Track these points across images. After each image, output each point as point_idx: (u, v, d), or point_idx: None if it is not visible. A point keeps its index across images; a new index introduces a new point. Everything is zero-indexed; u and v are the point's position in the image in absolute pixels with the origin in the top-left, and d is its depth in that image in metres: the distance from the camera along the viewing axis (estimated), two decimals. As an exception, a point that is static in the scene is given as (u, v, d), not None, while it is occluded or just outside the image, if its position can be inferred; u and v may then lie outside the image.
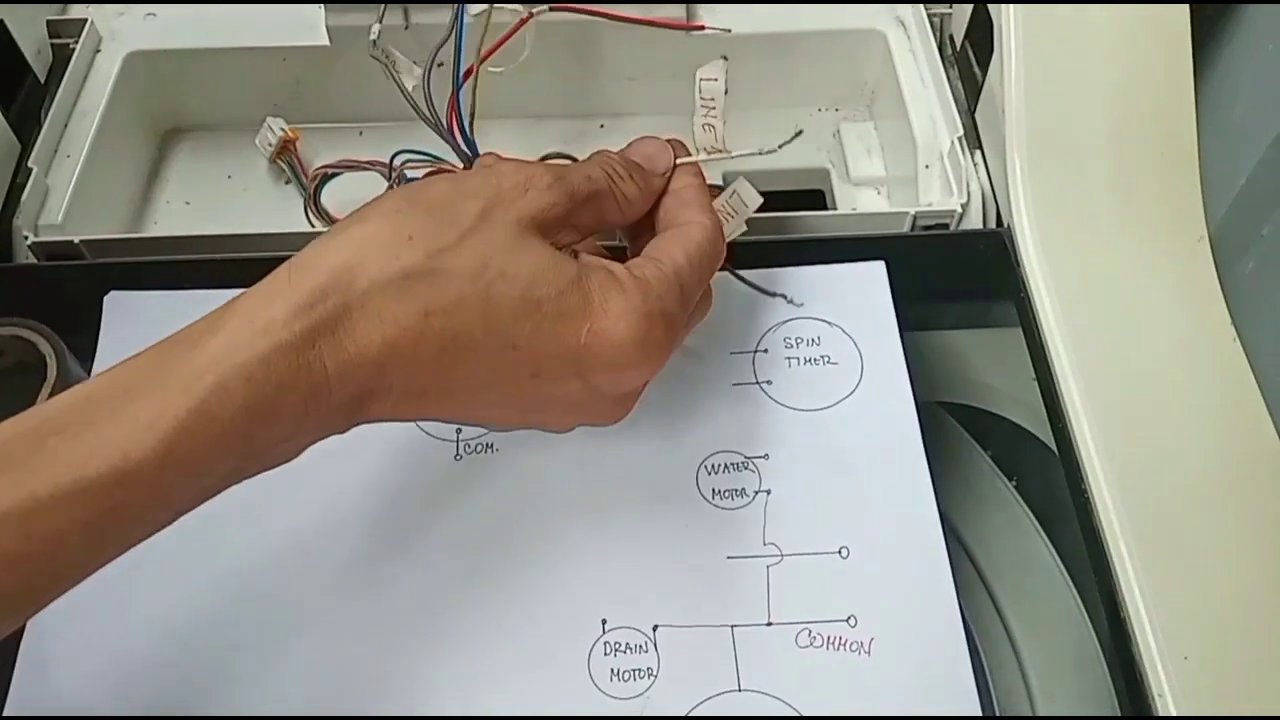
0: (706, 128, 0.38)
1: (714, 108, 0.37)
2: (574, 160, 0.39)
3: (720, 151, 0.38)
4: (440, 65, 0.45)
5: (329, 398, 0.27)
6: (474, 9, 0.46)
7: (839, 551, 0.36)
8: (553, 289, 0.29)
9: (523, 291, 0.29)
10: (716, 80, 0.37)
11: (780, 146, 0.38)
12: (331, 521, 0.37)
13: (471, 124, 0.44)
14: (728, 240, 0.37)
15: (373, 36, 0.46)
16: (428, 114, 0.44)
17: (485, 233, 0.29)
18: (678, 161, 0.36)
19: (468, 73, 0.41)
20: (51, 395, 0.37)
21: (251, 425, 0.26)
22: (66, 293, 0.43)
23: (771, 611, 0.35)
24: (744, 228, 0.40)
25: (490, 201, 0.30)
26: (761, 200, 0.39)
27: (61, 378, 0.37)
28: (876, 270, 0.43)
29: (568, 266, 0.30)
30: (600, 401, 0.32)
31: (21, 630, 0.34)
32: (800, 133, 0.40)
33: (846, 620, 0.35)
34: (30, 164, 0.46)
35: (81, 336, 0.40)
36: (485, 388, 0.30)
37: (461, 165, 0.45)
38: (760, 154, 0.38)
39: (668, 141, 0.36)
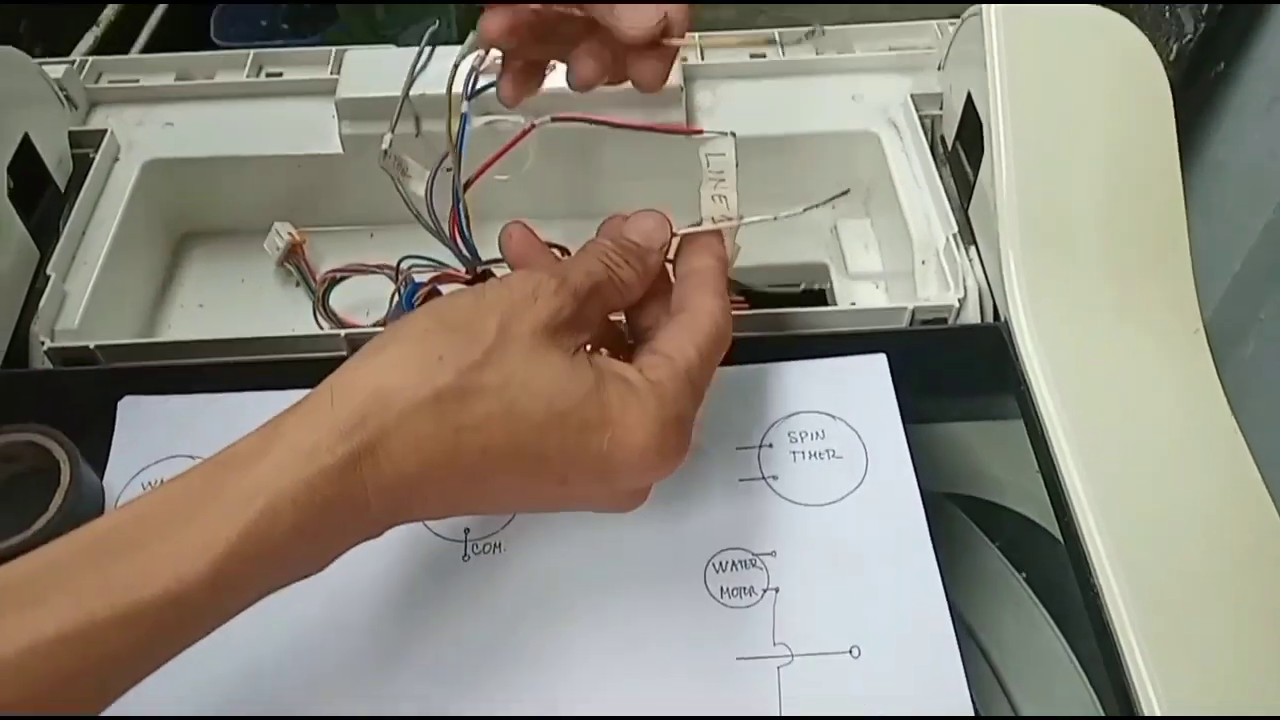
0: (717, 199, 0.38)
1: (724, 179, 0.38)
2: (568, 252, 0.40)
3: (731, 220, 0.38)
4: (448, 170, 0.47)
5: (368, 513, 0.29)
6: (479, 120, 0.48)
7: (850, 651, 0.36)
8: (573, 400, 0.30)
9: (546, 405, 0.30)
10: (725, 154, 0.37)
11: (804, 210, 0.39)
12: (338, 620, 0.37)
13: (469, 228, 0.45)
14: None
15: (384, 146, 0.47)
16: (430, 222, 0.45)
17: (505, 347, 0.30)
18: (679, 232, 0.37)
19: (468, 182, 0.42)
20: (65, 501, 0.37)
21: (297, 545, 0.28)
22: (81, 398, 0.43)
23: (784, 713, 0.35)
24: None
25: (506, 315, 0.31)
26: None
27: (75, 484, 0.38)
28: (878, 363, 0.43)
29: (585, 376, 0.31)
30: (620, 496, 0.34)
31: None
32: (847, 191, 0.41)
33: (882, 718, 0.35)
34: (49, 271, 0.47)
35: (96, 441, 0.40)
36: (515, 494, 0.32)
37: (464, 270, 0.46)
38: (775, 219, 0.38)
39: (664, 216, 0.37)
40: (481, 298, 0.31)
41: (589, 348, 0.34)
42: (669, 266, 0.38)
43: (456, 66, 0.42)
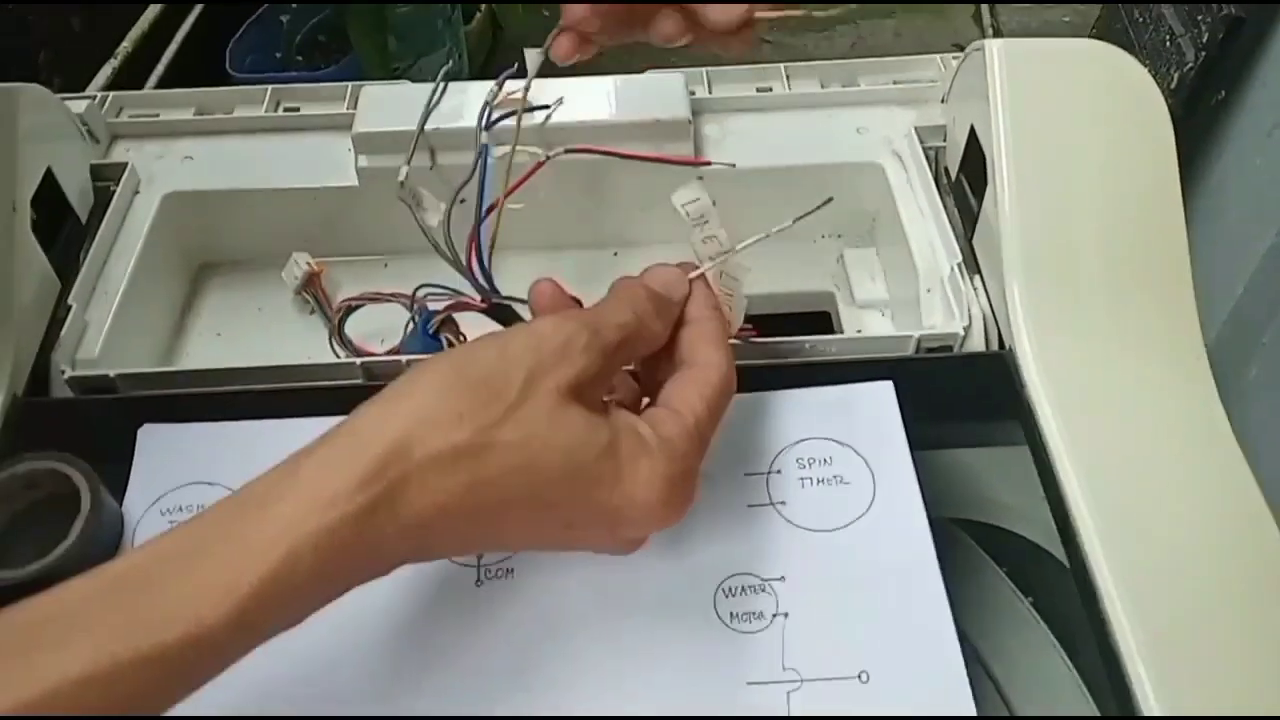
0: (708, 240, 0.38)
1: (707, 221, 0.38)
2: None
3: (727, 252, 0.39)
4: (463, 202, 0.48)
5: (385, 557, 0.30)
6: (497, 151, 0.49)
7: (859, 676, 0.36)
8: (588, 457, 0.31)
9: (563, 460, 0.31)
10: (699, 199, 0.37)
11: (795, 221, 0.41)
12: (351, 645, 0.37)
13: (490, 259, 0.46)
14: (740, 319, 0.39)
15: (401, 178, 0.48)
16: (447, 252, 0.46)
17: (528, 406, 0.31)
18: (692, 276, 0.38)
19: (487, 211, 0.43)
20: (85, 528, 0.38)
21: (316, 587, 0.28)
22: (101, 426, 0.44)
23: None
24: (745, 301, 0.41)
25: (532, 370, 0.31)
26: (750, 268, 0.39)
27: (95, 511, 0.38)
28: (885, 390, 0.44)
29: (601, 433, 0.32)
30: (623, 541, 0.35)
31: None
32: (830, 200, 0.42)
33: (881, 718, 0.35)
34: (70, 301, 0.48)
35: (115, 469, 0.41)
36: (521, 537, 0.33)
37: (479, 299, 0.47)
38: (768, 236, 0.39)
39: (680, 266, 0.38)
40: (507, 349, 0.32)
41: (610, 404, 0.34)
42: None
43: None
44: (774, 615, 0.38)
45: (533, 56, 0.46)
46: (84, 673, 0.25)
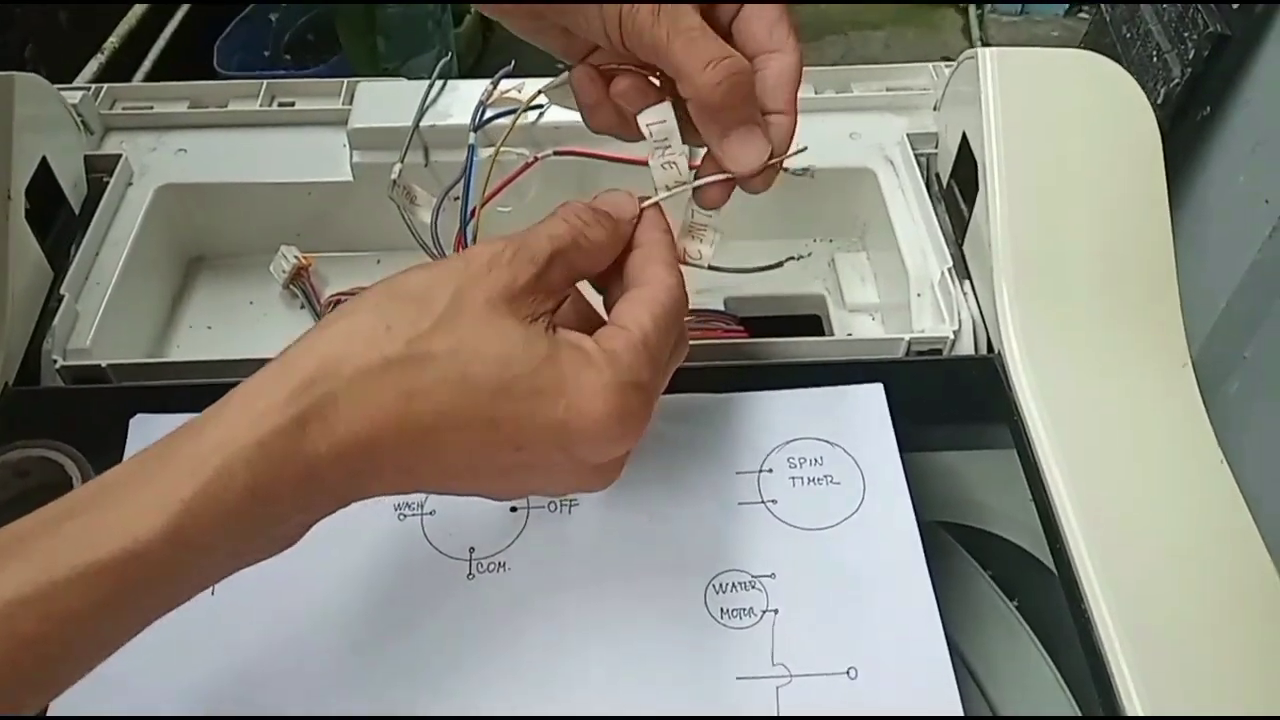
0: (667, 165, 0.38)
1: (669, 146, 0.37)
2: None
3: (684, 183, 0.38)
4: (455, 200, 0.48)
5: (324, 478, 0.29)
6: (485, 151, 0.49)
7: (847, 672, 0.37)
8: (526, 368, 0.30)
9: (498, 371, 0.30)
10: (665, 121, 0.37)
11: (764, 268, 0.41)
12: (343, 637, 0.37)
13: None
14: (711, 252, 0.38)
15: (394, 175, 0.48)
16: (435, 249, 0.46)
17: (457, 316, 0.30)
18: (644, 205, 0.37)
19: (474, 210, 0.43)
20: (77, 515, 0.38)
21: (252, 505, 0.28)
22: (92, 415, 0.44)
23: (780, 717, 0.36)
24: (718, 235, 0.39)
25: (460, 285, 0.31)
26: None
27: (87, 498, 0.38)
28: (875, 392, 0.44)
29: (539, 344, 0.31)
30: (585, 470, 0.33)
31: None
32: (792, 258, 0.41)
33: (878, 718, 0.35)
34: (62, 291, 0.48)
35: (107, 458, 0.40)
36: (473, 463, 0.32)
37: None
38: (742, 271, 0.40)
39: (630, 194, 0.37)
40: (437, 269, 0.32)
41: (555, 325, 0.33)
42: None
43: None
44: (764, 611, 0.38)
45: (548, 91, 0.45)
46: (17, 594, 0.25)
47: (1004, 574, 0.44)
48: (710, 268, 0.39)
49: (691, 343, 0.48)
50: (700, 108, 0.34)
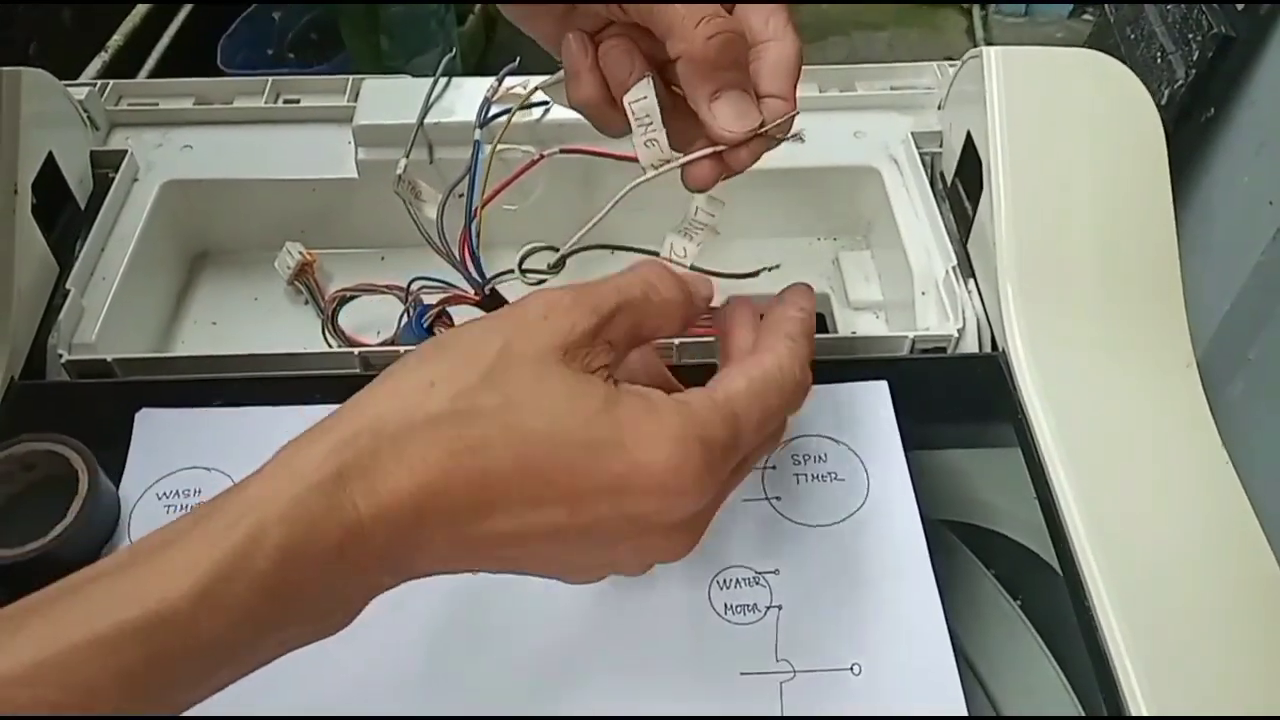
0: (649, 144, 0.37)
1: (651, 123, 0.36)
2: (555, 250, 0.40)
3: (668, 162, 0.37)
4: (460, 196, 0.48)
5: (366, 543, 0.27)
6: (490, 148, 0.49)
7: (851, 668, 0.37)
8: (579, 418, 0.28)
9: (548, 424, 0.28)
10: (646, 98, 0.36)
11: (754, 273, 0.41)
12: (346, 637, 0.37)
13: (479, 251, 0.45)
14: (697, 249, 0.37)
15: (399, 171, 0.49)
16: (441, 245, 0.46)
17: (506, 370, 0.28)
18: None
19: (479, 207, 0.43)
20: (82, 509, 0.38)
21: (285, 568, 0.26)
22: (98, 409, 0.44)
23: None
24: (715, 234, 0.39)
25: (510, 335, 0.29)
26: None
27: (92, 491, 0.38)
28: (879, 389, 0.44)
29: (595, 393, 0.29)
30: (654, 534, 0.30)
31: None
32: (777, 266, 0.42)
33: (880, 718, 0.36)
34: (68, 285, 0.48)
35: (112, 451, 0.41)
36: (528, 529, 0.29)
37: (472, 292, 0.47)
38: (735, 276, 0.39)
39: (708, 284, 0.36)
40: (489, 320, 0.30)
41: (616, 380, 0.31)
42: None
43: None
44: (768, 607, 0.38)
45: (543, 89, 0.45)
46: (35, 659, 0.23)
47: (1008, 573, 0.44)
48: (691, 267, 0.39)
49: (693, 340, 0.48)
50: (691, 65, 0.33)
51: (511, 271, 0.42)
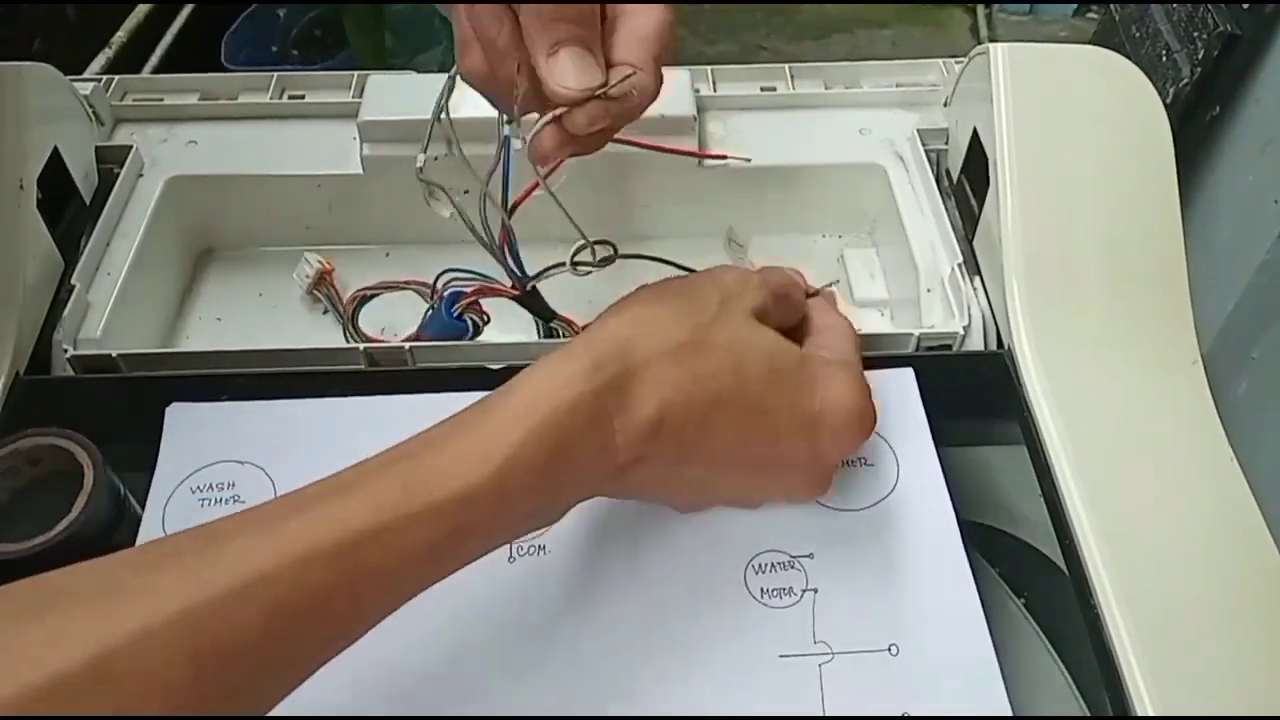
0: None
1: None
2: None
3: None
4: (466, 193, 0.47)
5: (615, 457, 0.32)
6: (516, 144, 0.48)
7: (888, 649, 0.37)
8: (789, 364, 0.35)
9: (768, 363, 0.34)
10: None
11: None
12: (385, 625, 0.37)
13: (515, 245, 0.45)
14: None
15: (419, 165, 0.48)
16: (483, 236, 0.46)
17: (728, 316, 0.35)
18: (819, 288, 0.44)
19: (516, 204, 0.43)
20: (88, 503, 0.38)
21: (557, 466, 0.30)
22: (103, 404, 0.44)
23: (826, 709, 0.36)
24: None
25: (724, 294, 0.36)
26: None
27: (98, 486, 0.38)
28: (906, 376, 0.44)
29: (795, 348, 0.36)
30: (817, 472, 0.38)
31: None
32: (836, 283, 0.46)
33: (900, 717, 0.35)
34: (73, 281, 0.48)
35: (117, 446, 0.41)
36: (736, 448, 0.35)
37: (509, 284, 0.46)
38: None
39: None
40: (694, 280, 0.37)
41: None
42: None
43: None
44: (804, 590, 0.38)
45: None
46: (365, 524, 0.27)
47: (1013, 572, 0.44)
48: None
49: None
50: (530, 14, 0.32)
51: (561, 265, 0.43)
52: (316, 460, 0.41)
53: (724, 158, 0.54)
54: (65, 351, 0.45)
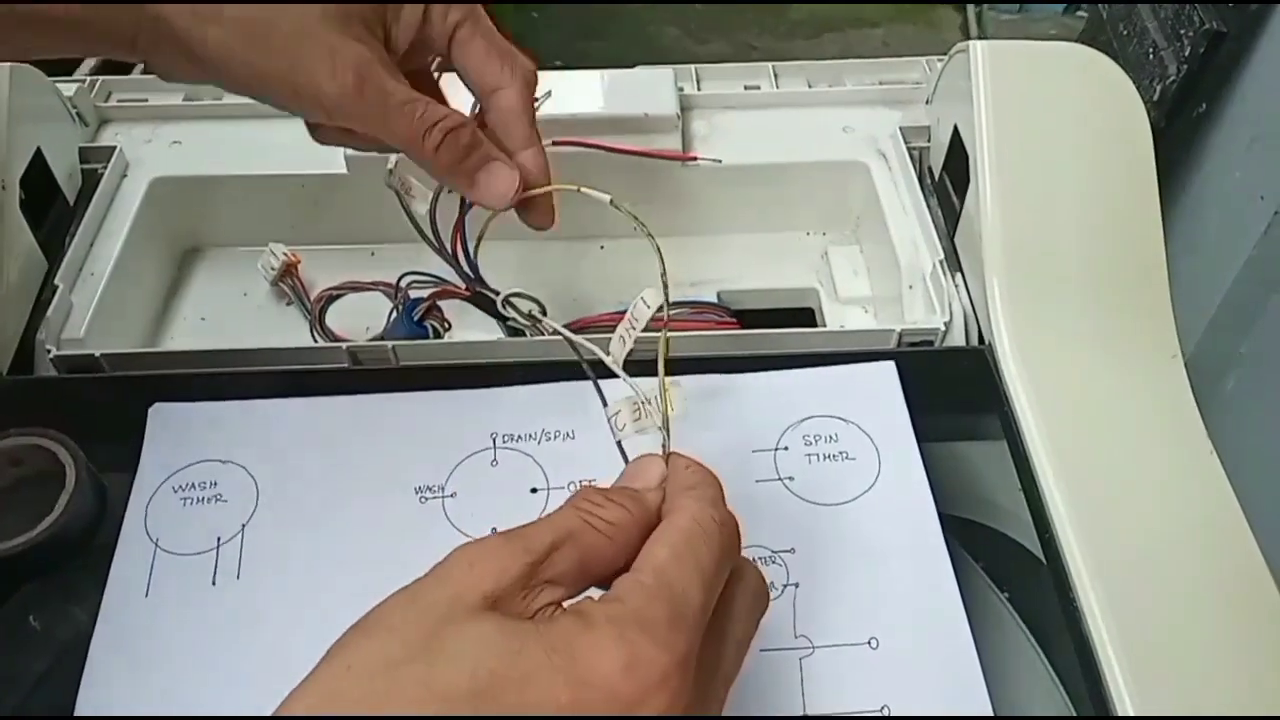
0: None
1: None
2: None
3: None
4: (450, 192, 0.48)
5: None
6: None
7: (868, 642, 0.37)
8: (507, 653, 0.25)
9: (473, 668, 0.24)
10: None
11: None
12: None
13: (477, 250, 0.46)
14: (628, 349, 0.35)
15: (390, 165, 0.48)
16: (433, 240, 0.46)
17: (428, 635, 0.25)
18: (670, 458, 0.32)
19: (473, 203, 0.43)
20: (70, 502, 0.38)
21: None
22: (86, 404, 0.44)
23: (807, 703, 0.36)
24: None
25: (433, 597, 0.26)
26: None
27: (80, 486, 0.39)
28: (887, 369, 0.45)
29: (522, 629, 0.25)
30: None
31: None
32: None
33: (880, 710, 0.36)
34: (56, 281, 0.48)
35: (100, 446, 0.41)
36: None
37: (463, 287, 0.47)
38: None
39: (664, 457, 0.33)
40: (413, 586, 0.27)
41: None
42: None
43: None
44: (785, 585, 0.38)
45: None
46: None
47: (994, 565, 0.44)
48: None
49: (683, 334, 0.48)
50: (439, 170, 0.37)
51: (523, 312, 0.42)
52: (300, 459, 0.42)
53: (694, 159, 0.54)
54: (48, 352, 0.45)
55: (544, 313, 0.42)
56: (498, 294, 0.42)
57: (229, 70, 0.35)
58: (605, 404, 0.38)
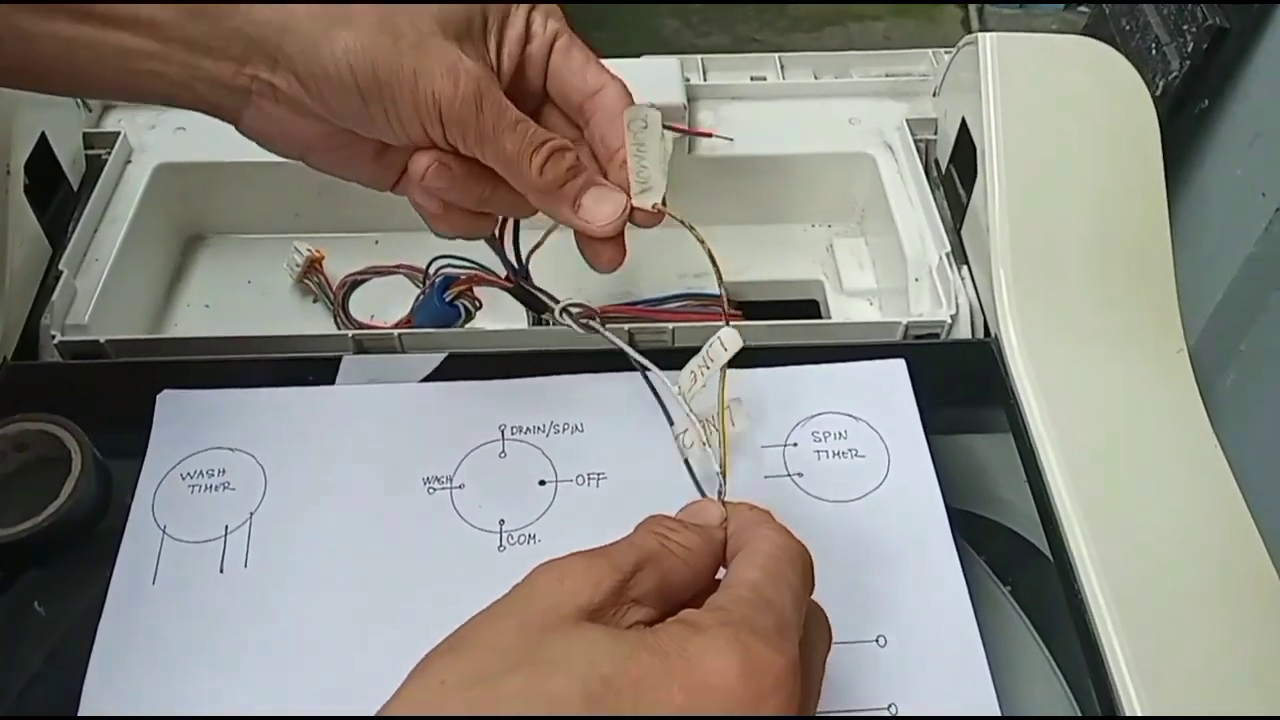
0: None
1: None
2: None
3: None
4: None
5: None
6: None
7: (877, 640, 0.37)
8: (618, 658, 0.25)
9: (585, 673, 0.24)
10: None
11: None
12: (376, 611, 0.38)
13: (518, 239, 0.44)
14: (701, 386, 0.37)
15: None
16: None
17: (527, 645, 0.25)
18: (726, 499, 0.34)
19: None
20: (75, 488, 0.38)
21: None
22: (91, 390, 0.44)
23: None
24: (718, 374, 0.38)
25: (527, 611, 0.26)
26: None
27: (85, 471, 0.38)
28: (897, 367, 0.45)
29: (629, 634, 0.26)
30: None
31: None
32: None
33: (887, 708, 0.36)
34: (60, 267, 0.48)
35: (105, 432, 0.41)
36: None
37: (504, 276, 0.45)
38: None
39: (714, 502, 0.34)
40: (499, 603, 0.28)
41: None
42: None
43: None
44: None
45: None
46: None
47: (998, 558, 0.44)
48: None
49: (688, 325, 0.48)
50: (539, 196, 0.35)
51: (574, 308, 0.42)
52: (307, 447, 0.41)
53: (710, 135, 0.54)
54: (53, 337, 0.45)
55: (604, 324, 0.42)
56: (557, 302, 0.42)
57: (351, 80, 0.33)
58: (671, 423, 0.41)
